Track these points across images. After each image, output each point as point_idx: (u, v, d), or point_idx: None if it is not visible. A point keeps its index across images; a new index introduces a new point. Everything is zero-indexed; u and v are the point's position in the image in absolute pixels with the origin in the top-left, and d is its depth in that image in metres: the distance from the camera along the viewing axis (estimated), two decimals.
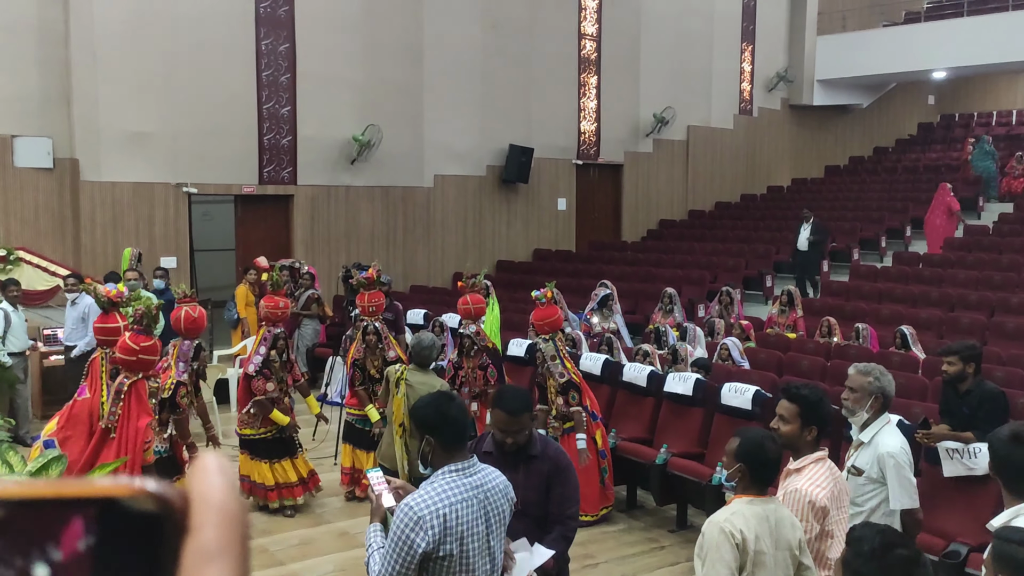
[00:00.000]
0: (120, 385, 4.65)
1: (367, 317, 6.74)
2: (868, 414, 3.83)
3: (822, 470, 3.28)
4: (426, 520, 2.60)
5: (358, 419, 6.76)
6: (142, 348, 4.75)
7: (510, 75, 14.47)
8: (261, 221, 12.47)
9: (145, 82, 11.03)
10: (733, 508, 2.93)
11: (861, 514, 3.78)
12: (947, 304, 10.13)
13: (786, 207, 16.73)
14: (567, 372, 6.31)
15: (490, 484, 2.81)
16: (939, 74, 19.06)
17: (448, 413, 2.80)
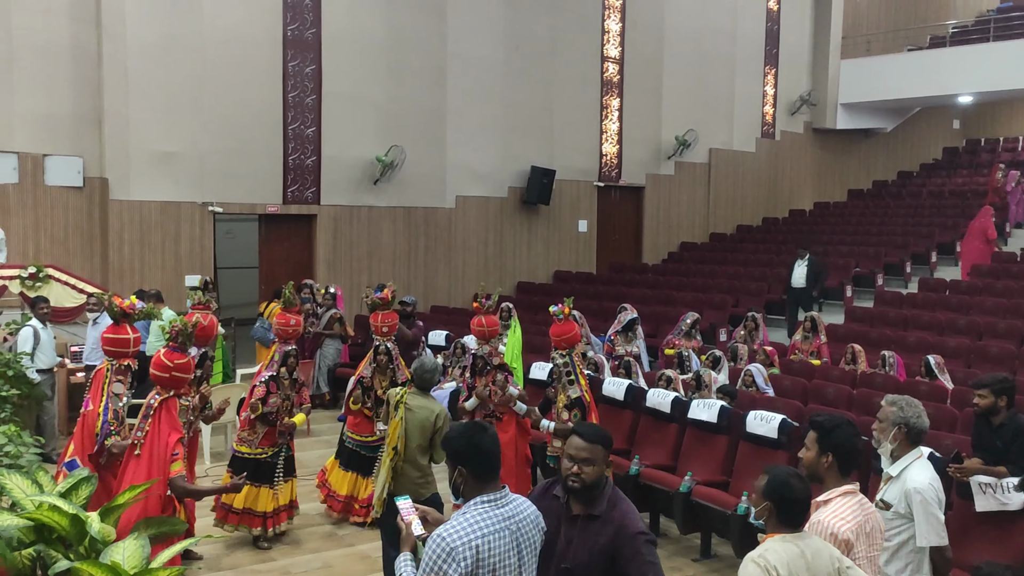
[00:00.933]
0: (151, 401, 4.61)
1: (380, 337, 6.76)
2: (893, 445, 3.78)
3: (850, 503, 3.24)
4: (459, 551, 2.59)
5: (361, 445, 6.71)
6: (176, 365, 4.71)
7: (533, 97, 14.55)
8: (284, 240, 12.57)
9: (174, 103, 11.19)
10: (766, 546, 2.91)
11: (888, 549, 3.72)
12: (975, 332, 10.00)
13: (808, 231, 16.65)
14: (580, 389, 6.32)
15: (522, 515, 2.80)
16: (964, 99, 18.96)
17: (480, 444, 2.79)
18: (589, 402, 6.32)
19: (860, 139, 20.16)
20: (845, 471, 3.30)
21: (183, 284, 11.20)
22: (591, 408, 6.33)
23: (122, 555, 3.45)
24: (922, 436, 3.85)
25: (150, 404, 4.63)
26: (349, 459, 6.76)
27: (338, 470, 6.78)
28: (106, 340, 5.14)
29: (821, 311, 12.24)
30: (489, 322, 7.03)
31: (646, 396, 7.33)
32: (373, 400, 6.67)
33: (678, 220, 16.88)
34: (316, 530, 6.65)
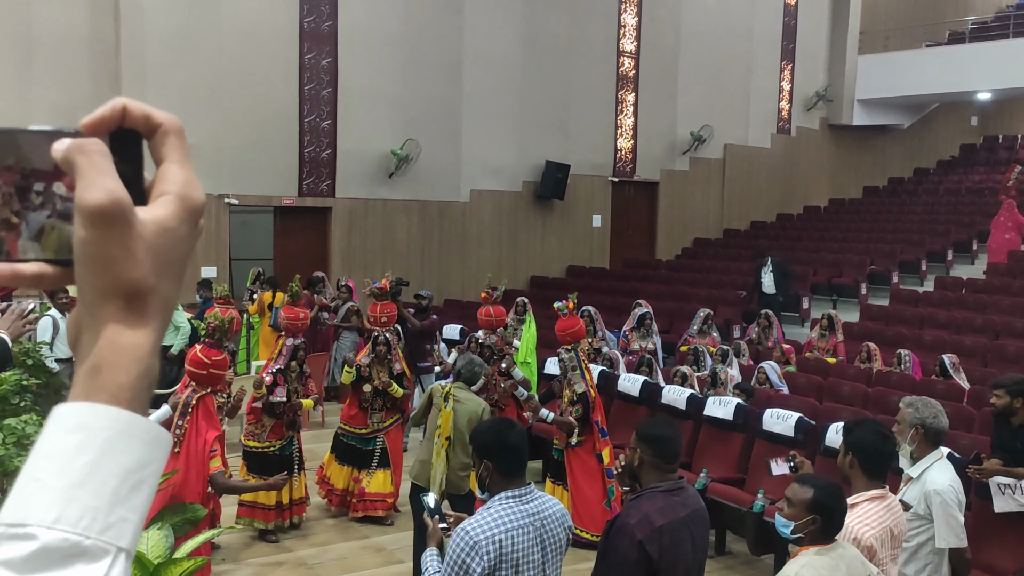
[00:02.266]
0: (188, 399, 4.61)
1: (379, 328, 6.75)
2: (912, 447, 3.77)
3: (875, 508, 3.19)
4: (482, 545, 2.62)
5: (355, 438, 6.68)
6: (213, 362, 4.72)
7: (548, 91, 14.52)
8: (299, 233, 12.61)
9: (192, 95, 11.23)
10: (803, 561, 2.81)
11: (907, 550, 3.72)
12: (992, 331, 9.95)
13: (823, 227, 16.58)
14: (585, 384, 6.35)
15: (547, 512, 2.81)
16: (983, 95, 18.81)
17: (508, 440, 2.81)
18: (594, 397, 6.34)
19: (877, 135, 20.03)
20: (870, 473, 3.22)
21: (199, 275, 11.25)
22: (596, 404, 6.35)
23: (146, 545, 3.49)
24: (941, 437, 3.84)
25: (188, 401, 4.62)
26: (344, 453, 6.73)
27: (335, 464, 6.75)
28: None
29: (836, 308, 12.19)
30: (497, 312, 7.12)
31: (662, 393, 7.34)
32: (371, 392, 6.63)
33: (692, 216, 16.84)
34: (330, 523, 6.68)
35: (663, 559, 2.79)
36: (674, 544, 2.83)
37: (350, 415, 6.74)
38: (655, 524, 2.80)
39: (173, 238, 0.59)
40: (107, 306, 0.57)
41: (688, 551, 2.88)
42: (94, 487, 0.53)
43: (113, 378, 0.56)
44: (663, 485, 2.92)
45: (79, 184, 0.57)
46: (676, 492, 2.93)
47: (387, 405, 6.70)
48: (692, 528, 2.91)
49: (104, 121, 0.61)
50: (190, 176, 0.61)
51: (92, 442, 0.54)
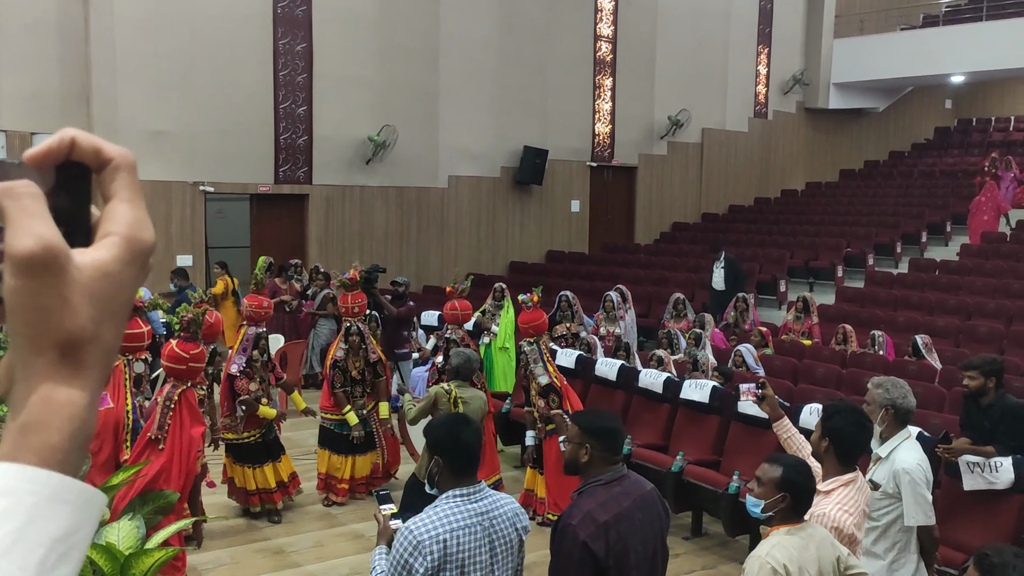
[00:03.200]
0: (169, 395, 4.54)
1: (350, 318, 6.71)
2: (881, 427, 3.82)
3: (850, 493, 3.23)
4: (425, 545, 2.55)
5: (334, 423, 6.69)
6: (192, 356, 4.64)
7: (525, 77, 14.47)
8: (276, 220, 12.52)
9: (164, 81, 11.09)
10: (773, 541, 2.85)
11: (876, 528, 3.78)
12: (964, 312, 10.07)
13: (800, 211, 16.68)
14: (548, 376, 6.39)
15: (497, 511, 2.73)
16: (957, 78, 18.95)
17: (461, 437, 2.74)
18: (560, 387, 6.38)
19: (852, 119, 20.15)
20: (844, 460, 3.26)
21: (175, 263, 11.16)
22: (565, 392, 6.39)
23: (117, 535, 3.47)
24: (909, 416, 3.90)
25: (169, 397, 4.55)
26: (339, 444, 6.73)
27: (335, 458, 6.77)
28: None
29: (812, 291, 12.29)
30: (463, 306, 7.16)
31: (638, 377, 7.37)
32: (345, 380, 6.63)
33: (670, 200, 16.88)
34: (311, 509, 6.68)
35: (610, 554, 2.76)
36: (621, 537, 2.80)
37: (329, 403, 6.71)
38: (598, 521, 2.77)
39: (115, 283, 0.55)
40: (40, 359, 0.53)
41: (637, 541, 2.85)
42: (18, 557, 0.50)
43: (44, 438, 0.53)
44: (603, 478, 2.88)
45: (8, 230, 0.53)
46: (617, 482, 2.89)
47: (367, 391, 6.73)
48: (639, 516, 2.88)
49: (51, 153, 0.57)
50: (140, 215, 0.58)
51: (18, 508, 0.51)
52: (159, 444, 4.34)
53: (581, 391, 7.90)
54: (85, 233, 0.57)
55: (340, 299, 6.86)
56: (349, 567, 5.67)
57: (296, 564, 5.75)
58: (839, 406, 3.33)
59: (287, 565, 5.74)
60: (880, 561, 3.80)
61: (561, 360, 7.70)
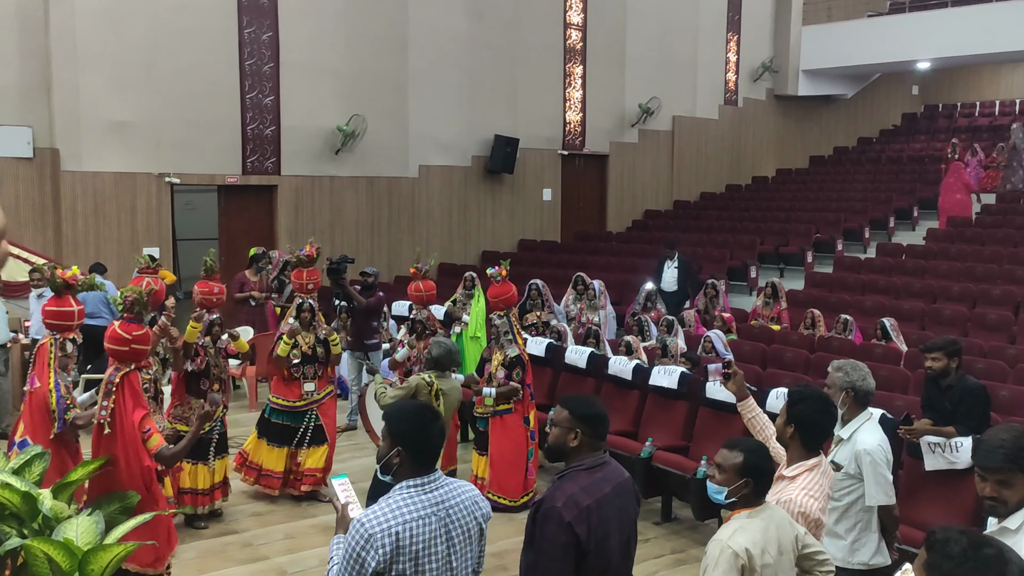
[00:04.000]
0: (111, 378, 4.37)
1: (303, 295, 6.66)
2: (842, 409, 3.85)
3: (815, 478, 3.26)
4: (376, 538, 2.50)
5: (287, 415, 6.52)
6: (134, 337, 4.43)
7: (495, 65, 14.41)
8: (245, 211, 12.39)
9: (126, 71, 10.91)
10: (735, 525, 2.87)
11: (837, 509, 3.82)
12: (930, 296, 10.20)
13: (770, 198, 16.79)
14: (518, 348, 6.56)
15: (454, 500, 2.68)
16: (923, 65, 19.14)
17: (428, 430, 2.68)
18: (526, 361, 6.59)
19: (821, 105, 20.30)
20: (808, 445, 3.29)
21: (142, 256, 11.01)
22: (527, 367, 6.59)
23: (75, 531, 3.42)
24: (869, 398, 3.94)
25: (111, 380, 4.39)
26: (275, 434, 6.56)
27: (265, 447, 6.58)
28: (48, 313, 4.81)
29: (783, 277, 12.39)
30: (427, 287, 7.24)
31: (608, 364, 7.39)
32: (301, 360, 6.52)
33: (642, 188, 16.92)
34: (281, 502, 6.62)
35: (592, 538, 2.78)
36: (602, 522, 2.82)
37: (281, 388, 6.59)
38: (582, 504, 2.78)
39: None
40: None
41: (616, 527, 2.87)
42: None
43: None
44: (586, 463, 2.90)
45: None
46: (599, 468, 2.91)
47: (318, 374, 6.59)
48: (618, 502, 2.90)
49: None
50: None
51: None
52: (104, 429, 4.22)
53: (551, 379, 7.93)
54: None
55: (294, 275, 6.75)
56: (318, 559, 5.64)
57: (265, 557, 5.72)
58: (804, 392, 3.34)
59: (256, 558, 5.70)
60: (842, 541, 3.85)
61: (531, 348, 7.71)
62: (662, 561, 5.81)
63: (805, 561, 2.99)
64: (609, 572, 2.86)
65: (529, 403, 6.56)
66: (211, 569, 5.52)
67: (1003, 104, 21.36)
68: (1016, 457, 2.61)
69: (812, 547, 3.00)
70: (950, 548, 1.96)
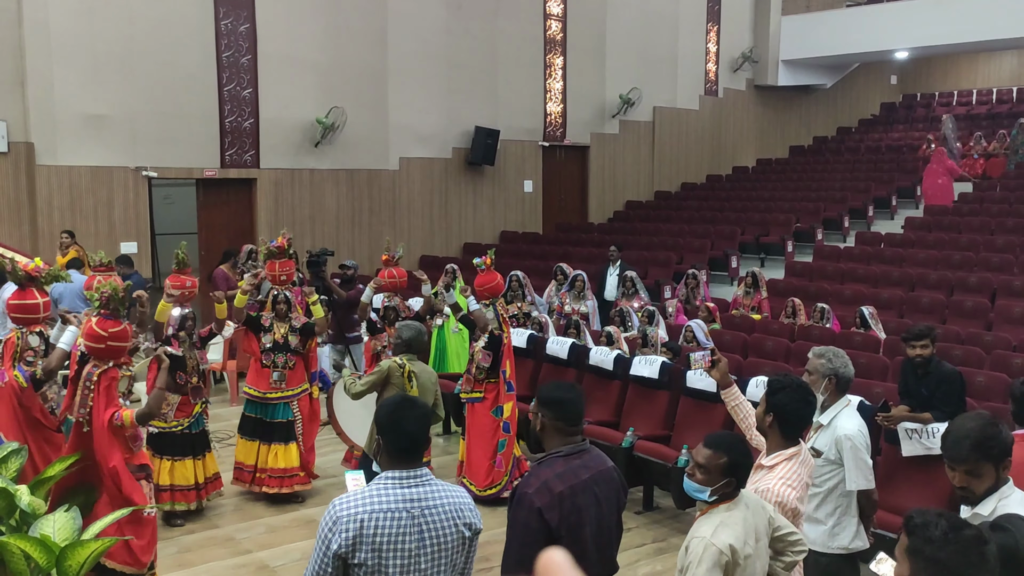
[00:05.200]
0: (89, 375, 4.30)
1: (278, 286, 6.62)
2: (824, 396, 3.88)
3: (793, 467, 3.26)
4: (342, 522, 2.52)
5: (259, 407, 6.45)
6: (111, 334, 4.32)
7: (475, 57, 14.36)
8: (224, 205, 12.30)
9: (101, 64, 10.79)
10: (716, 520, 2.86)
11: (818, 495, 3.86)
12: (908, 284, 10.29)
13: (751, 187, 16.87)
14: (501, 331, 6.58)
15: (433, 502, 2.62)
16: (901, 54, 19.27)
17: (401, 421, 2.66)
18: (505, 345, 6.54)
19: (801, 95, 20.40)
20: (787, 434, 3.30)
21: (119, 251, 10.89)
22: (506, 352, 6.52)
23: (52, 528, 3.39)
24: (849, 384, 3.97)
25: (89, 377, 4.33)
26: (248, 427, 6.51)
27: (240, 440, 6.54)
28: (12, 307, 4.70)
29: (764, 267, 12.46)
30: (399, 273, 7.28)
31: (589, 354, 7.41)
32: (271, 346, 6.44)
33: (623, 179, 16.95)
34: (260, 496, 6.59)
35: (563, 525, 2.78)
36: (576, 509, 2.82)
37: (253, 377, 6.52)
38: (554, 491, 2.79)
39: None
40: None
41: (593, 514, 2.87)
42: None
43: None
44: (563, 449, 2.90)
45: None
46: (578, 455, 2.91)
47: (289, 365, 6.46)
48: (597, 490, 2.90)
49: None
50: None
51: None
52: (83, 426, 4.18)
53: (532, 370, 7.94)
54: None
55: (267, 267, 6.69)
56: (301, 552, 5.63)
57: (247, 551, 5.70)
58: (784, 381, 3.34)
59: (238, 552, 5.68)
60: (822, 526, 3.88)
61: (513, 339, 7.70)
62: (643, 550, 5.83)
63: (777, 543, 3.01)
64: (585, 560, 2.85)
65: (506, 394, 6.51)
66: (193, 564, 5.50)
67: (980, 93, 21.55)
68: (981, 448, 2.63)
69: (784, 528, 3.02)
70: (930, 532, 1.98)
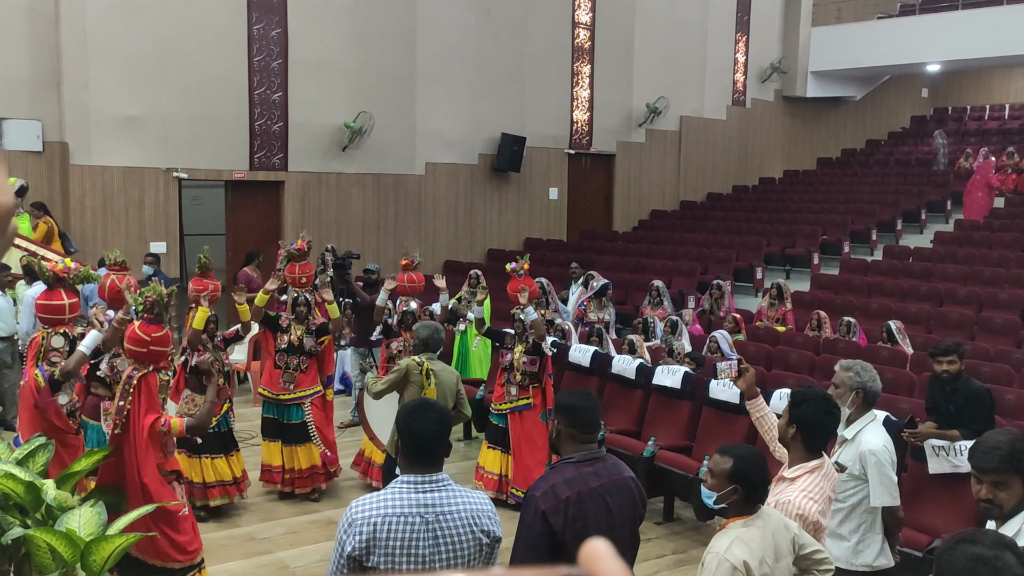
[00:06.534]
0: (129, 379, 4.30)
1: (297, 288, 6.67)
2: (850, 410, 3.84)
3: (815, 480, 3.23)
4: (356, 524, 2.54)
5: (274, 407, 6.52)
6: (154, 339, 4.34)
7: (503, 63, 14.41)
8: (252, 207, 12.41)
9: (135, 65, 10.94)
10: (732, 535, 2.82)
11: (842, 510, 3.81)
12: (936, 299, 10.17)
13: (778, 199, 16.76)
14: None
15: (449, 507, 2.61)
16: (933, 67, 19.07)
17: (413, 424, 2.66)
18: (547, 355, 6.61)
19: (830, 107, 20.24)
20: (810, 447, 3.27)
21: (148, 251, 11.04)
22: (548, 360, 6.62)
23: (78, 522, 3.43)
24: (876, 399, 3.93)
25: (129, 381, 4.33)
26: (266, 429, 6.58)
27: (264, 442, 6.59)
28: (39, 307, 4.75)
29: (789, 278, 12.36)
30: (418, 278, 7.28)
31: (612, 363, 7.39)
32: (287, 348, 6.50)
33: (648, 188, 16.91)
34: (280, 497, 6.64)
35: (568, 530, 2.76)
36: (582, 515, 2.79)
37: (267, 379, 6.59)
38: (560, 496, 2.78)
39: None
40: None
41: (602, 522, 2.84)
42: None
43: None
44: (575, 456, 2.89)
45: None
46: (589, 463, 2.89)
47: (302, 367, 6.51)
48: (609, 498, 2.87)
49: None
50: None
51: None
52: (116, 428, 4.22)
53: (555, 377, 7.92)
54: None
55: (287, 269, 6.76)
56: (321, 554, 5.66)
57: (267, 551, 5.74)
58: (808, 393, 3.31)
59: (259, 552, 5.72)
60: (846, 542, 3.84)
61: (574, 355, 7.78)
62: (663, 561, 5.80)
63: (803, 561, 2.97)
64: None
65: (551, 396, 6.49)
66: (213, 562, 5.53)
67: (1013, 108, 21.26)
68: (1012, 459, 2.60)
69: (809, 547, 2.98)
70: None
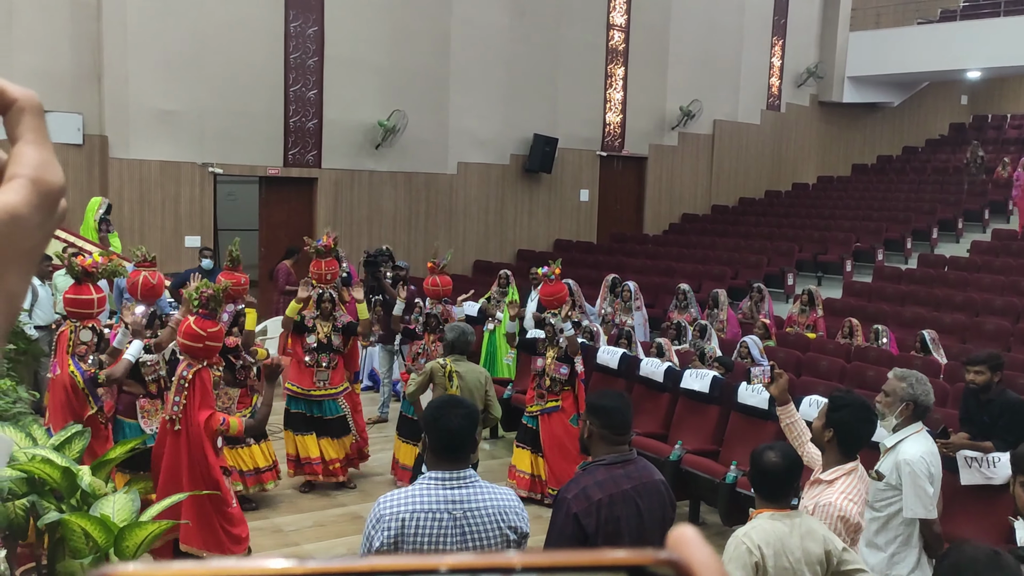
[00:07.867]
0: (183, 373, 4.35)
1: (322, 285, 6.71)
2: (898, 420, 3.79)
3: (853, 482, 3.23)
4: (384, 520, 2.55)
5: (304, 403, 6.57)
6: (209, 334, 4.39)
7: (536, 64, 14.42)
8: (285, 203, 12.54)
9: (174, 60, 11.11)
10: (754, 523, 2.87)
11: (877, 519, 3.76)
12: (972, 309, 10.01)
13: (811, 205, 16.59)
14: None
15: (476, 504, 2.62)
16: (973, 74, 18.77)
17: (441, 420, 2.68)
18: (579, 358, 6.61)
19: (866, 113, 20.00)
20: (846, 451, 3.27)
21: (183, 245, 11.21)
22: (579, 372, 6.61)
23: (112, 508, 3.50)
24: (927, 413, 3.85)
25: (183, 376, 4.37)
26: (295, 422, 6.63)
27: (292, 437, 6.64)
28: (68, 301, 4.82)
29: (820, 285, 12.24)
30: (443, 282, 7.23)
31: (640, 365, 7.37)
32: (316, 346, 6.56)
33: (680, 191, 16.82)
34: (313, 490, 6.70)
35: (600, 533, 2.77)
36: (614, 518, 2.80)
37: (295, 374, 6.64)
38: (592, 498, 2.79)
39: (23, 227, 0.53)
40: None
41: (633, 524, 2.85)
42: None
43: None
44: (607, 458, 2.90)
45: None
46: (621, 465, 2.90)
47: (332, 364, 6.59)
48: (640, 501, 2.88)
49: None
50: (47, 157, 0.56)
51: None
52: (175, 424, 4.25)
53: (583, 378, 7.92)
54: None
55: (312, 265, 6.80)
56: (347, 548, 5.70)
57: (294, 543, 5.79)
58: (847, 399, 3.32)
59: (285, 544, 5.78)
60: (881, 553, 3.78)
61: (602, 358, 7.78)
62: None
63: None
64: None
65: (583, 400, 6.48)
66: None
67: None
68: None
69: (852, 564, 2.91)
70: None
